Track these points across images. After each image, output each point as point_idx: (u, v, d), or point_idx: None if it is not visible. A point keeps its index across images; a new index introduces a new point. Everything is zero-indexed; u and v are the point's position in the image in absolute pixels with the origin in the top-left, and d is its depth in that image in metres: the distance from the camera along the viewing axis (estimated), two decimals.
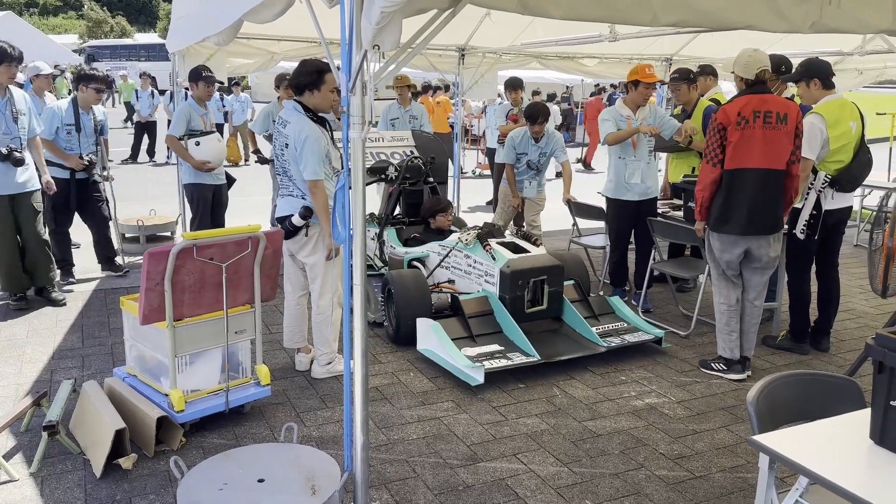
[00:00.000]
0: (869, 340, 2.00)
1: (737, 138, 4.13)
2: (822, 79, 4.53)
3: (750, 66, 4.17)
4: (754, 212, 4.20)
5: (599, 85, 23.81)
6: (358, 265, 2.45)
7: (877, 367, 1.98)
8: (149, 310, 3.35)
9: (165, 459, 3.34)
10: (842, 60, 8.92)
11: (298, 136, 3.90)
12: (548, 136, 6.44)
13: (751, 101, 4.14)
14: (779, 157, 4.16)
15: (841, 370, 4.60)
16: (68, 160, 5.78)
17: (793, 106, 4.22)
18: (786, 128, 4.14)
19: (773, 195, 4.22)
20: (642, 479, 3.31)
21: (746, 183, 4.17)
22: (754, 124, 4.11)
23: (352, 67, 2.26)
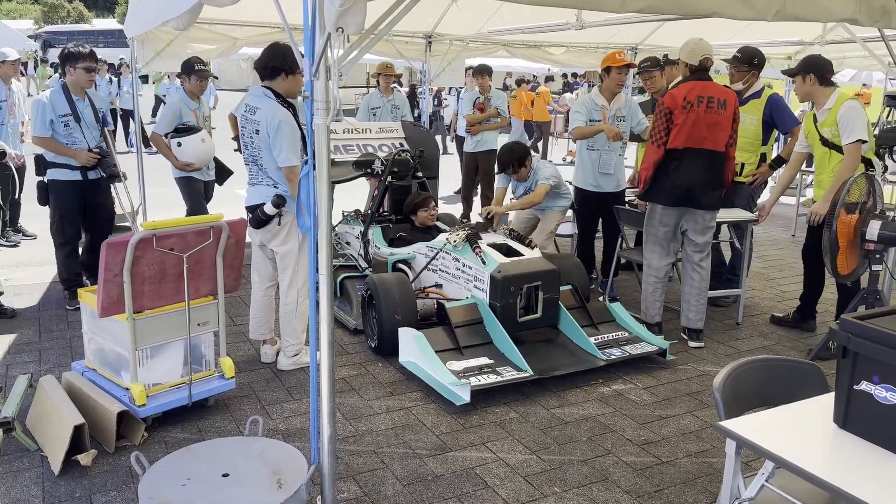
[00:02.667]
0: (833, 325, 2.02)
1: (681, 120, 4.43)
2: (819, 75, 4.64)
3: (695, 53, 4.52)
4: (696, 189, 4.52)
5: (577, 77, 23.95)
6: (324, 255, 2.40)
7: (840, 351, 2.00)
8: (108, 302, 3.26)
9: (127, 455, 3.25)
10: (802, 50, 9.07)
11: (271, 121, 3.80)
12: (534, 172, 5.64)
13: (695, 87, 4.46)
14: (719, 139, 4.50)
15: (803, 355, 4.68)
16: (77, 156, 4.89)
17: (731, 93, 4.58)
18: (725, 113, 4.49)
19: (713, 175, 4.55)
20: (610, 465, 3.33)
21: (689, 161, 4.48)
22: (698, 108, 4.42)
23: (315, 51, 2.20)
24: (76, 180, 4.96)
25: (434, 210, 5.44)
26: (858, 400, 1.97)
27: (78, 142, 4.91)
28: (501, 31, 7.52)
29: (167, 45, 6.64)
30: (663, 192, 4.59)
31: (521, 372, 4.03)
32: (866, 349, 1.92)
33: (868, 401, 1.94)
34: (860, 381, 1.96)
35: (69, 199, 4.98)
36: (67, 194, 4.96)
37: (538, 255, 4.69)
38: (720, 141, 4.51)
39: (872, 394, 1.93)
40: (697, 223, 4.65)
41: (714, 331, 5.11)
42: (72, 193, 4.96)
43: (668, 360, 4.52)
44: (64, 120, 4.85)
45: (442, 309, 4.40)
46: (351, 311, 5.01)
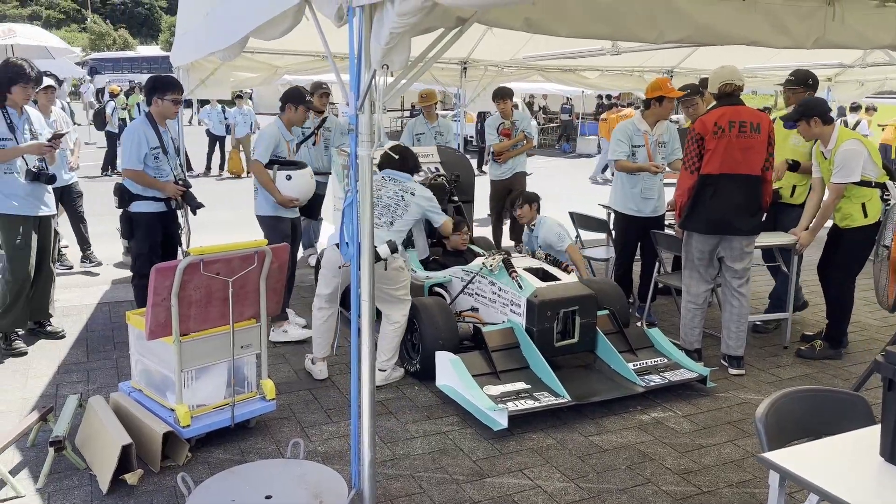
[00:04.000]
0: (878, 357, 1.99)
1: (714, 146, 4.45)
2: (821, 115, 4.76)
3: (713, 82, 4.62)
4: (731, 215, 4.50)
5: (612, 98, 23.89)
6: (366, 281, 2.45)
7: (886, 384, 1.98)
8: (155, 325, 3.36)
9: (171, 475, 3.33)
10: (843, 72, 8.98)
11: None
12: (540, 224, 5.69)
13: (725, 113, 4.48)
14: (754, 163, 4.49)
15: (847, 384, 4.59)
16: (166, 188, 4.80)
17: (764, 117, 4.58)
18: (759, 137, 4.48)
19: (750, 199, 4.53)
20: (650, 495, 3.31)
21: (724, 187, 4.47)
22: (730, 133, 4.44)
23: (360, 86, 2.28)
24: (161, 212, 4.88)
25: (466, 234, 5.46)
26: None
27: (164, 174, 4.86)
28: (536, 56, 7.59)
29: (211, 74, 6.84)
30: (699, 219, 4.58)
31: (559, 397, 4.02)
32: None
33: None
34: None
35: (155, 232, 4.90)
36: (154, 227, 4.87)
37: (575, 279, 4.70)
38: (755, 165, 4.49)
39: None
40: (734, 249, 4.62)
41: (755, 358, 5.04)
42: (157, 225, 4.89)
43: (709, 387, 4.46)
44: (154, 152, 4.79)
45: (478, 333, 4.42)
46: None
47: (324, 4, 2.32)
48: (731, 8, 3.06)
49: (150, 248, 4.86)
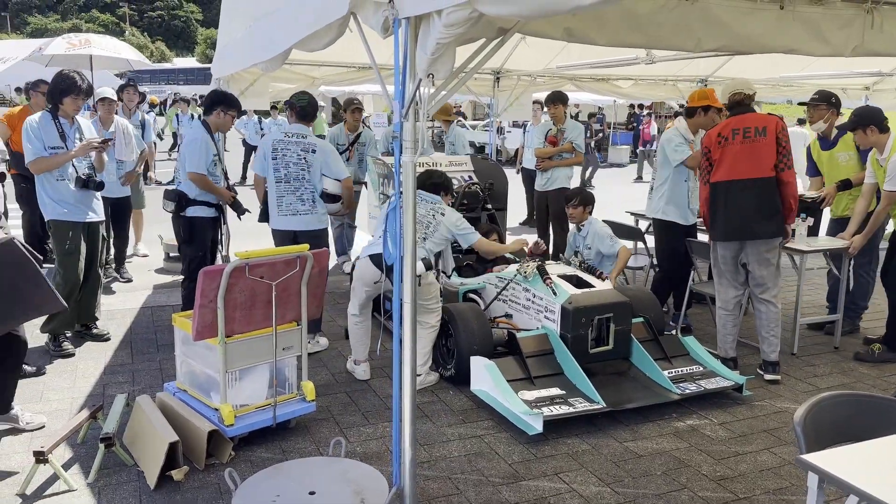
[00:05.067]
0: None
1: (718, 155, 4.56)
2: (878, 124, 4.88)
3: (724, 94, 4.72)
4: (742, 219, 4.55)
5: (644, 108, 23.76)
6: (408, 284, 2.52)
7: None
8: (202, 326, 3.47)
9: (215, 472, 3.43)
10: (881, 80, 8.86)
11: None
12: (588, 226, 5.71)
13: (730, 122, 4.59)
14: (763, 165, 4.50)
15: (885, 395, 4.54)
16: (223, 194, 5.11)
17: (771, 120, 4.60)
18: (765, 139, 4.50)
19: (763, 202, 4.53)
20: (686, 500, 3.32)
21: (731, 193, 4.55)
22: (733, 140, 4.53)
23: (405, 95, 2.36)
24: (213, 217, 5.14)
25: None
26: None
27: (218, 181, 5.11)
28: (570, 66, 7.63)
29: (251, 85, 7.01)
30: (717, 227, 4.67)
31: (594, 403, 4.04)
32: None
33: None
34: None
35: (209, 236, 5.15)
36: (207, 231, 5.12)
37: (609, 286, 4.72)
38: (765, 167, 4.49)
39: None
40: (754, 255, 4.63)
41: (792, 367, 5.01)
42: (210, 230, 5.14)
43: (745, 395, 4.45)
44: (214, 159, 5.06)
45: (512, 339, 4.46)
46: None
47: (370, 16, 2.40)
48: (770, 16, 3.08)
49: (204, 252, 5.11)
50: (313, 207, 5.03)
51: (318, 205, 5.05)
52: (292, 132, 5.04)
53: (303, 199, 5.00)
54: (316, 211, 5.05)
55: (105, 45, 9.69)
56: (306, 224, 5.04)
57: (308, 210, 5.02)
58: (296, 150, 4.96)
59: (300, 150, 4.96)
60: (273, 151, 4.97)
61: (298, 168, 4.95)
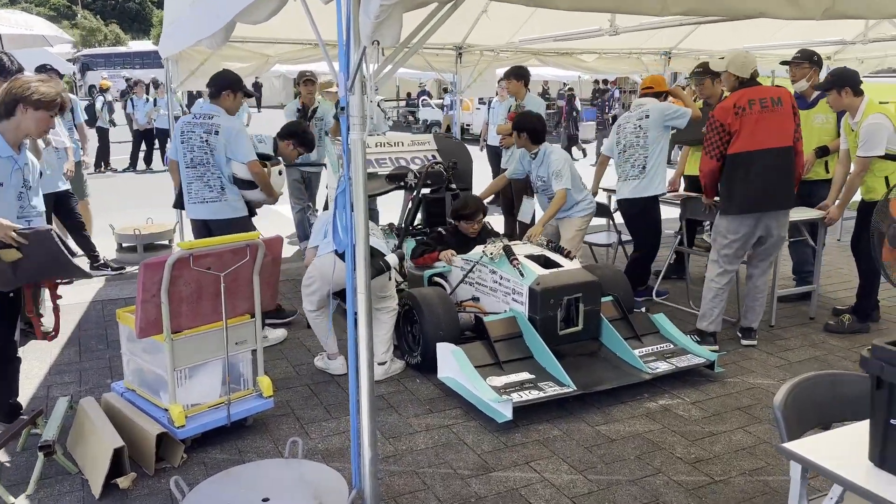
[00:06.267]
0: (864, 353, 1.82)
1: (738, 126, 4.39)
2: (853, 86, 4.78)
3: (746, 67, 4.53)
4: (769, 188, 4.44)
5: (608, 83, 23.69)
6: (361, 273, 2.34)
7: (874, 382, 1.80)
8: (145, 322, 3.24)
9: (167, 477, 3.22)
10: (843, 49, 8.83)
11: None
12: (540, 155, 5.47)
13: (744, 94, 4.44)
14: (784, 134, 4.44)
15: (857, 366, 4.49)
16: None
17: (783, 91, 4.57)
18: (782, 109, 4.45)
19: (784, 171, 4.48)
20: (661, 486, 3.20)
21: (757, 163, 4.41)
22: (751, 110, 4.39)
23: (350, 65, 2.15)
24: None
25: (477, 226, 5.14)
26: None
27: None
28: (533, 39, 7.43)
29: (201, 64, 6.70)
30: (735, 200, 4.50)
31: (564, 387, 3.91)
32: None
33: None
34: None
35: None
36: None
37: (577, 265, 4.58)
38: (787, 135, 4.45)
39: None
40: (776, 226, 4.59)
41: (763, 340, 4.94)
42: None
43: (717, 372, 4.36)
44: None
45: (480, 323, 4.30)
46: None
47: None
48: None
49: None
50: (222, 194, 4.60)
51: (229, 191, 4.61)
52: (201, 113, 4.64)
53: (210, 186, 4.58)
54: (225, 198, 4.61)
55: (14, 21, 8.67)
56: (215, 212, 4.63)
57: (216, 197, 4.60)
58: (199, 132, 4.53)
59: (203, 131, 4.53)
60: (181, 134, 4.61)
61: (202, 152, 4.54)
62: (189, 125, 4.61)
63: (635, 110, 5.53)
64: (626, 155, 5.47)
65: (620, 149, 5.53)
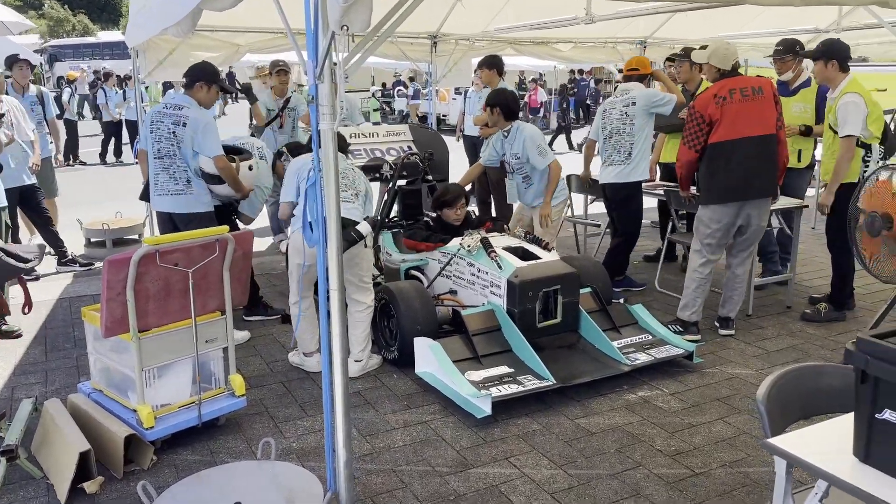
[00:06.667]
0: (849, 345, 1.79)
1: (720, 115, 4.38)
2: (840, 60, 4.74)
3: (728, 58, 4.52)
4: (750, 177, 4.44)
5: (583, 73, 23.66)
6: (334, 269, 2.25)
7: (859, 375, 1.76)
8: (111, 321, 3.13)
9: (136, 480, 3.10)
10: (815, 38, 8.86)
11: None
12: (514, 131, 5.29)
13: (725, 84, 4.45)
14: (766, 122, 4.43)
15: (834, 354, 4.52)
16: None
17: (764, 80, 4.57)
18: (763, 97, 4.44)
19: (766, 159, 4.48)
20: (641, 479, 3.17)
21: (738, 152, 4.40)
22: (732, 99, 4.38)
23: (318, 51, 2.06)
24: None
25: (461, 210, 5.02)
26: (882, 431, 1.73)
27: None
28: (508, 28, 7.35)
29: (169, 54, 6.53)
30: (715, 190, 4.50)
31: (543, 380, 3.86)
32: (889, 374, 1.68)
33: (893, 432, 1.70)
34: (883, 410, 1.72)
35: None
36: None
37: (556, 257, 4.52)
38: (768, 124, 4.44)
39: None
40: (756, 214, 4.58)
41: (741, 329, 4.93)
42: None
43: (695, 362, 4.34)
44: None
45: (458, 316, 4.23)
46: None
47: None
48: None
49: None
50: (188, 187, 4.46)
51: (196, 185, 4.47)
52: (171, 103, 4.51)
53: (175, 178, 4.45)
54: (191, 191, 4.47)
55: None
56: (180, 205, 4.49)
57: (181, 190, 4.46)
58: (167, 122, 4.40)
59: (171, 122, 4.39)
60: (151, 124, 4.48)
61: (169, 143, 4.41)
62: (158, 115, 4.46)
63: (621, 96, 5.47)
64: (613, 141, 5.43)
65: (606, 134, 5.47)
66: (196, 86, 4.46)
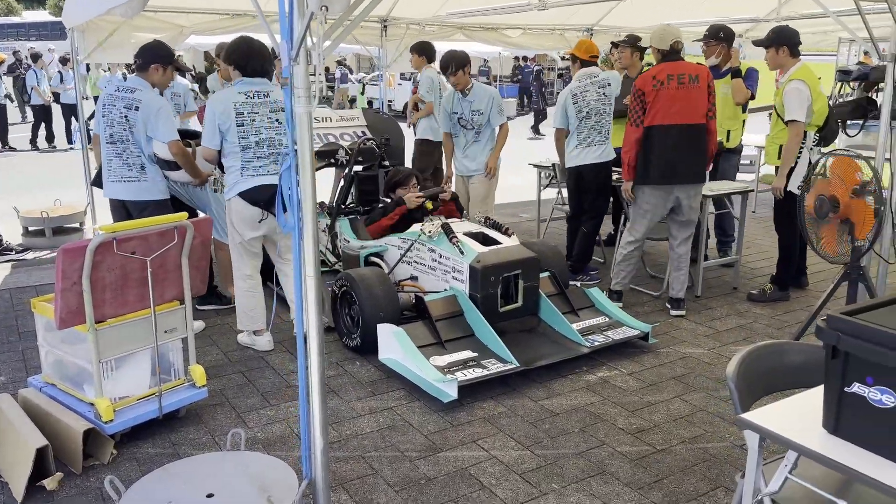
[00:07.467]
0: (820, 323, 1.85)
1: (653, 99, 4.58)
2: (791, 46, 4.90)
3: (665, 39, 4.69)
4: (677, 163, 4.64)
5: (528, 60, 23.72)
6: (310, 255, 2.22)
7: (829, 351, 1.83)
8: (66, 312, 3.01)
9: (96, 475, 3.03)
10: (754, 28, 9.15)
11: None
12: (478, 89, 5.61)
13: (665, 68, 4.63)
14: (695, 112, 4.62)
15: (780, 333, 4.70)
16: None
17: (702, 69, 4.74)
18: (699, 86, 4.62)
19: (693, 147, 4.67)
20: (605, 457, 3.25)
21: (668, 138, 4.61)
22: (669, 85, 4.57)
23: (294, 34, 2.01)
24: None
25: (414, 188, 5.03)
26: (851, 404, 1.81)
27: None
28: (460, 13, 7.34)
29: (110, 35, 6.28)
30: (648, 170, 4.69)
31: (507, 364, 3.90)
32: (859, 349, 1.75)
33: (861, 405, 1.78)
34: (852, 384, 1.80)
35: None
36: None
37: (516, 242, 4.56)
38: (698, 113, 4.63)
39: (866, 397, 1.77)
40: (685, 198, 4.75)
41: (691, 311, 5.08)
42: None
43: (651, 343, 4.46)
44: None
45: (420, 302, 4.23)
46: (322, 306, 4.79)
47: None
48: None
49: None
50: (142, 174, 4.30)
51: (151, 171, 4.33)
52: (124, 86, 4.32)
53: (129, 164, 4.29)
54: (146, 178, 4.32)
55: None
56: (134, 193, 4.33)
57: (136, 177, 4.30)
58: (119, 106, 4.22)
59: (123, 106, 4.22)
60: (103, 108, 4.30)
61: (122, 128, 4.24)
62: (111, 98, 4.27)
63: (588, 79, 5.46)
64: (593, 122, 5.44)
65: (583, 116, 5.43)
66: (151, 68, 4.29)
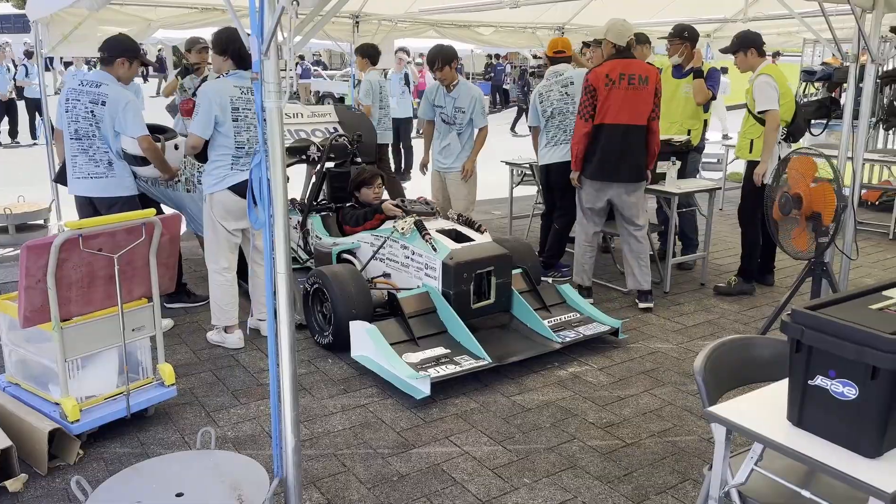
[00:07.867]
0: (784, 317, 1.89)
1: (604, 97, 4.67)
2: (757, 48, 5.05)
3: (623, 35, 4.75)
4: (618, 161, 4.77)
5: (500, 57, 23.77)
6: (282, 252, 2.20)
7: (793, 345, 1.87)
8: (30, 311, 2.95)
9: (62, 476, 2.98)
10: (721, 27, 9.29)
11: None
12: (463, 87, 5.64)
13: (617, 65, 4.69)
14: (640, 114, 4.74)
15: (746, 328, 4.79)
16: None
17: (652, 69, 4.86)
18: (647, 88, 4.73)
19: (635, 148, 4.80)
20: (576, 451, 3.28)
21: (612, 136, 4.74)
22: (620, 85, 4.67)
23: (264, 27, 2.00)
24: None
25: (378, 189, 5.07)
26: (814, 396, 1.85)
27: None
28: (432, 10, 7.34)
29: (75, 28, 6.16)
30: (590, 165, 4.85)
31: (479, 360, 3.92)
32: (822, 342, 1.80)
33: (824, 397, 1.82)
34: (815, 377, 1.84)
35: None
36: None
37: (489, 239, 4.58)
38: (642, 115, 4.74)
39: (828, 389, 1.81)
40: (618, 196, 4.89)
41: (660, 306, 5.15)
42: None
43: (620, 338, 4.51)
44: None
45: (393, 299, 4.23)
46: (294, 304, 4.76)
47: None
48: None
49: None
50: (109, 170, 4.21)
51: (118, 167, 4.23)
52: (88, 80, 4.22)
53: (96, 160, 4.19)
54: (113, 174, 4.22)
55: None
56: (102, 189, 4.23)
57: (103, 173, 4.21)
58: (85, 101, 4.13)
59: (89, 101, 4.12)
60: (66, 103, 4.20)
61: (87, 123, 4.15)
62: (74, 93, 4.17)
63: (553, 77, 5.48)
64: (557, 121, 5.45)
65: (548, 115, 5.46)
66: (117, 62, 4.20)
